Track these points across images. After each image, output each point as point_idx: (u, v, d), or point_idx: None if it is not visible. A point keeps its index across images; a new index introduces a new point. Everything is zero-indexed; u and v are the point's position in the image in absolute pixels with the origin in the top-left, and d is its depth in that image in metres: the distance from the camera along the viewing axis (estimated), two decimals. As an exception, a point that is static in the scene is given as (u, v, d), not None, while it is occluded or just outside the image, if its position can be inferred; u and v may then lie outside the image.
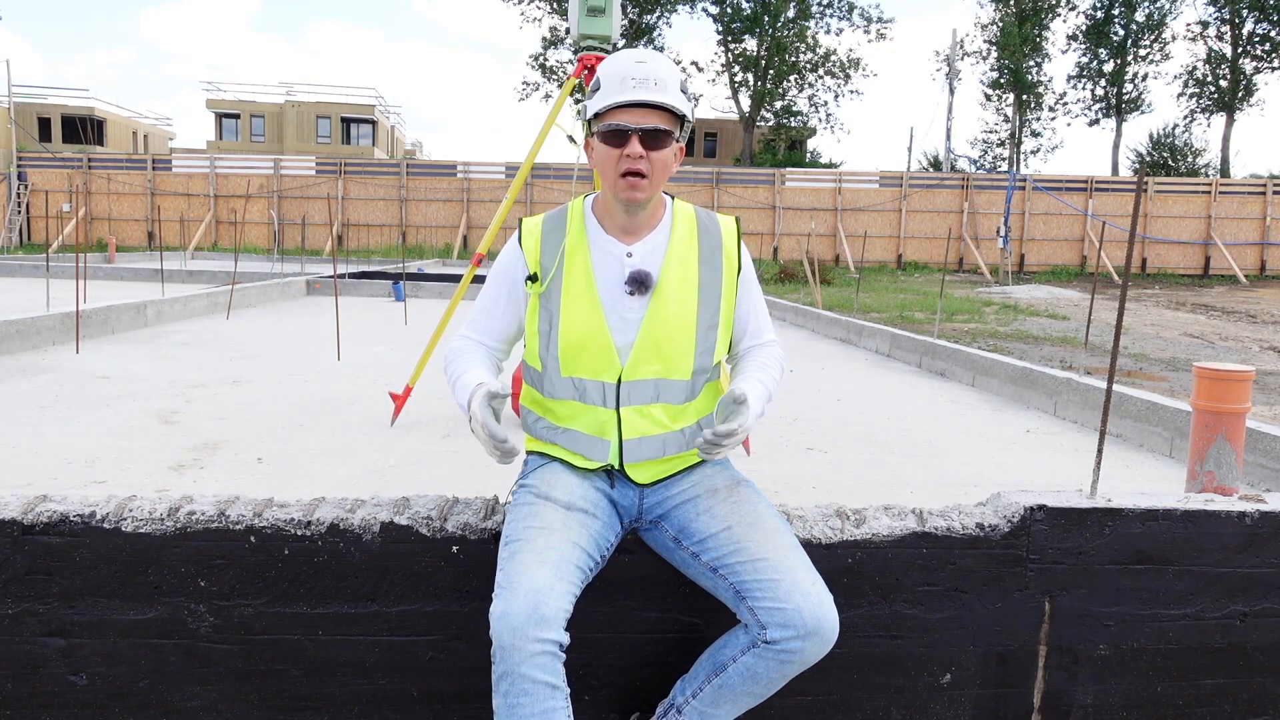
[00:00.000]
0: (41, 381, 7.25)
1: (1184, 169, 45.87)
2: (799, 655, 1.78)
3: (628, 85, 1.91)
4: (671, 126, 1.94)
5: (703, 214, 2.11)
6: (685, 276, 2.02)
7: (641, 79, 1.91)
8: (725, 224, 2.11)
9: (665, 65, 1.95)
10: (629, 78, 1.91)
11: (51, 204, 31.48)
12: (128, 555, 2.03)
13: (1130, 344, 11.49)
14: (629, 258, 2.01)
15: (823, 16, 41.38)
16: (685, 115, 1.96)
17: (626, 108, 1.91)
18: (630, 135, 1.91)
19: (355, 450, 5.36)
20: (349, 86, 48.18)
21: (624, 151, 1.91)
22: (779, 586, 1.79)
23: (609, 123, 1.92)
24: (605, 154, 1.95)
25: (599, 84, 1.97)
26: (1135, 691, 2.25)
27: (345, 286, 17.32)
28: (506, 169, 32.50)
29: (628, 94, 1.90)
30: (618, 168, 1.92)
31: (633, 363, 1.99)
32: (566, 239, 2.04)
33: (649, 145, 1.91)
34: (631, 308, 1.99)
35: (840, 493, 4.71)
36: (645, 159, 1.91)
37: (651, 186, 1.95)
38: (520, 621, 1.67)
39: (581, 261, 2.02)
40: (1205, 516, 2.20)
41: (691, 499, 2.00)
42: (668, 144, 1.94)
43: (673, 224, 2.06)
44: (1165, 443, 5.80)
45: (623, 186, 1.93)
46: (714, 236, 2.08)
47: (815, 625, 1.76)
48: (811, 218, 31.98)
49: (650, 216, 2.04)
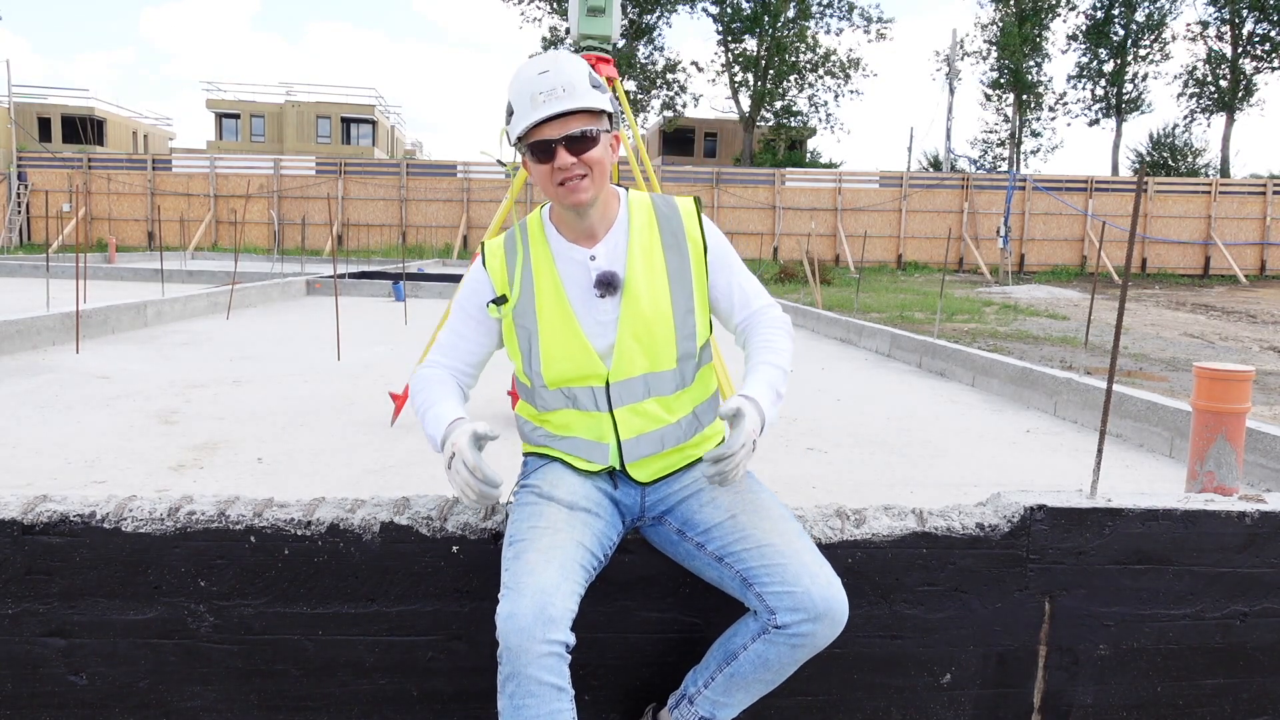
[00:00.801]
0: (41, 381, 7.25)
1: (1184, 169, 45.86)
2: (810, 638, 1.78)
3: (537, 102, 1.89)
4: (593, 124, 1.93)
5: (659, 200, 2.10)
6: (652, 267, 2.02)
7: (548, 90, 1.89)
8: (683, 205, 2.09)
9: (568, 66, 1.93)
10: (536, 93, 1.89)
11: (51, 204, 31.47)
12: (128, 555, 2.03)
13: (1130, 344, 11.49)
14: (593, 260, 2.01)
15: (823, 16, 41.36)
16: (602, 108, 1.94)
17: (542, 124, 1.90)
18: (555, 147, 1.90)
19: (355, 450, 5.36)
20: (349, 86, 48.22)
21: (554, 164, 1.91)
22: (786, 570, 1.79)
23: (531, 141, 1.92)
24: (539, 171, 1.95)
25: (510, 107, 1.96)
26: (1135, 691, 2.25)
27: (345, 286, 17.32)
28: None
29: (539, 110, 1.89)
30: (553, 180, 1.93)
31: (617, 364, 1.98)
32: (531, 254, 2.04)
33: (577, 150, 1.91)
34: (605, 310, 1.99)
35: (840, 493, 4.71)
36: (578, 163, 1.91)
37: (594, 184, 1.94)
38: (527, 622, 1.67)
39: (548, 274, 2.02)
40: (1205, 516, 2.20)
41: (694, 493, 2.01)
42: (596, 142, 1.93)
43: (630, 218, 2.05)
44: (1165, 443, 5.80)
45: (563, 194, 1.93)
46: (674, 221, 2.07)
47: (825, 607, 1.76)
48: (811, 218, 31.98)
49: (605, 215, 2.02)
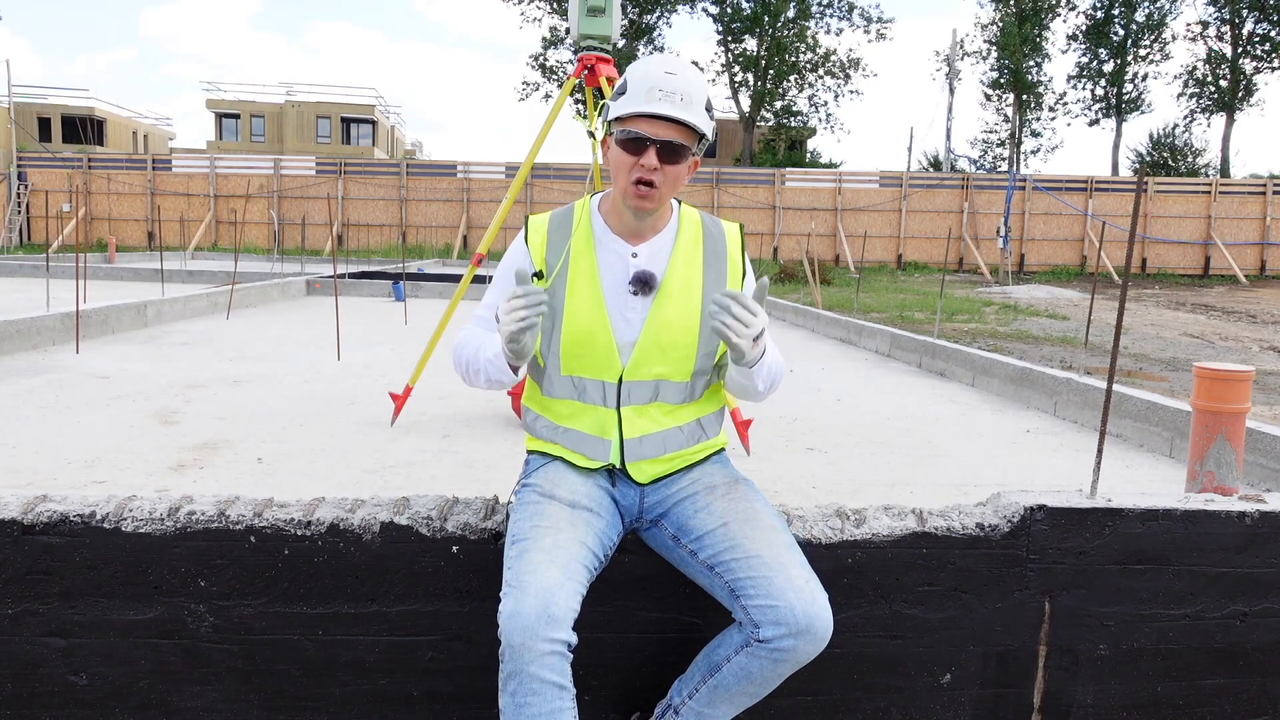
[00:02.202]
0: (41, 381, 7.25)
1: (1184, 169, 45.85)
2: (791, 654, 1.77)
3: (654, 96, 1.88)
4: (690, 142, 1.93)
5: (708, 220, 2.11)
6: (689, 280, 2.02)
7: (669, 92, 1.88)
8: (729, 229, 2.11)
9: (695, 80, 1.92)
10: (656, 88, 1.88)
11: (51, 204, 31.47)
12: (128, 555, 2.03)
13: (1130, 344, 11.49)
14: (634, 258, 2.01)
15: (823, 16, 41.39)
16: (705, 134, 1.94)
17: (648, 118, 1.89)
18: (648, 146, 1.89)
19: (355, 450, 5.36)
20: (349, 86, 48.26)
21: (639, 160, 1.90)
22: (771, 584, 1.78)
23: (629, 129, 1.91)
24: (620, 159, 1.94)
25: (625, 86, 1.94)
26: (1135, 691, 2.25)
27: (345, 286, 17.32)
28: (506, 169, 32.50)
29: (652, 104, 1.88)
30: (630, 175, 1.92)
31: (634, 363, 1.99)
32: (573, 237, 2.05)
33: (665, 159, 1.90)
34: (635, 307, 2.00)
35: (840, 493, 4.71)
36: (659, 171, 1.90)
37: (661, 198, 1.95)
38: (531, 621, 1.67)
39: (587, 260, 2.02)
40: (1205, 516, 2.20)
41: (690, 495, 2.01)
42: (684, 159, 1.93)
43: (679, 228, 2.06)
44: (1165, 443, 5.80)
45: (633, 194, 1.93)
46: (719, 241, 2.08)
47: (807, 623, 1.75)
48: (811, 218, 31.98)
49: (657, 219, 2.03)
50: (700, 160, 2.04)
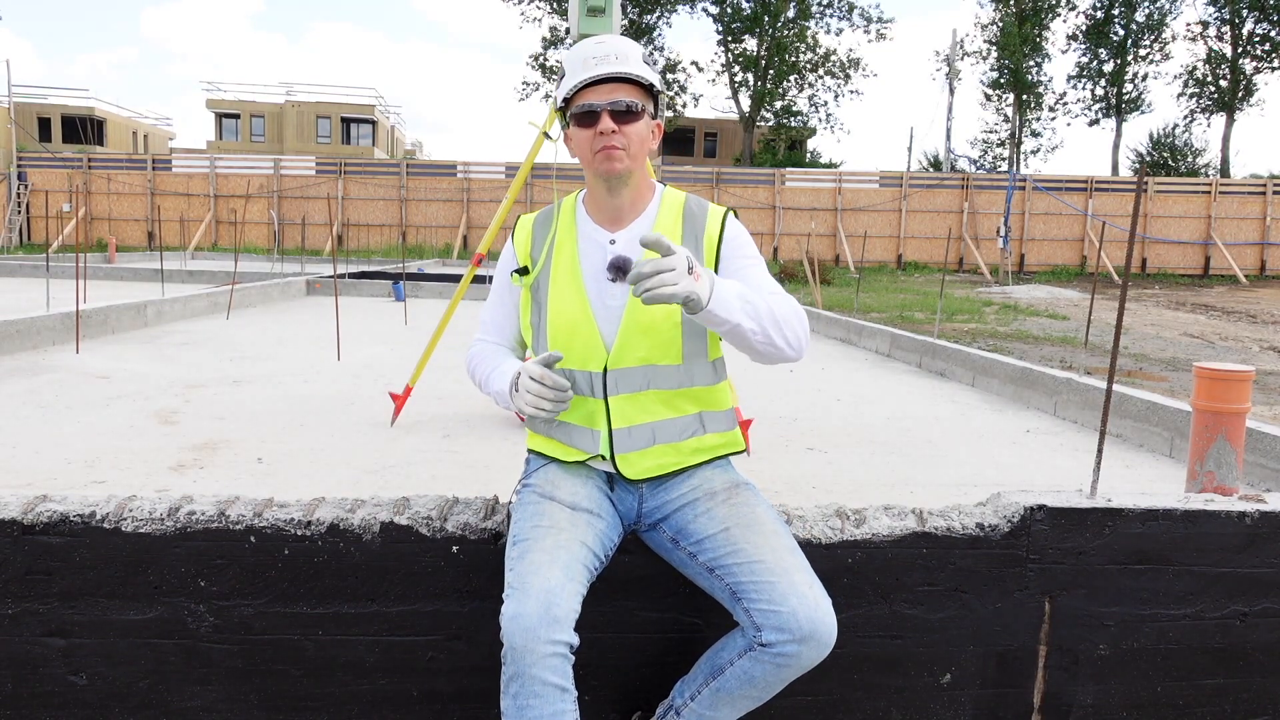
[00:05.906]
0: (41, 381, 7.25)
1: (1184, 169, 45.85)
2: (795, 659, 1.76)
3: (589, 64, 1.93)
4: (640, 99, 1.95)
5: (693, 200, 2.10)
6: None
7: (601, 56, 1.93)
8: (713, 208, 2.10)
9: (624, 41, 1.98)
10: (590, 57, 1.94)
11: (51, 204, 31.47)
12: (128, 555, 2.03)
13: (1130, 344, 11.49)
14: (611, 244, 2.01)
15: (823, 16, 41.36)
16: (653, 84, 1.96)
17: (592, 86, 1.93)
18: (600, 113, 1.92)
19: (355, 450, 5.36)
20: (349, 86, 48.14)
21: (596, 129, 1.93)
22: (774, 589, 1.77)
23: (578, 105, 1.95)
24: (580, 137, 1.97)
25: (563, 72, 2.01)
26: (1135, 691, 2.25)
27: (345, 286, 17.32)
28: (506, 169, 32.49)
29: (589, 71, 1.92)
30: (593, 146, 1.94)
31: (618, 350, 1.97)
32: (555, 231, 2.06)
33: (620, 120, 1.93)
34: (614, 295, 1.99)
35: (840, 493, 4.71)
36: (619, 133, 1.93)
37: (630, 158, 1.95)
38: (533, 623, 1.67)
39: (567, 251, 2.03)
40: (1205, 516, 2.20)
41: (690, 502, 1.99)
42: (639, 117, 1.95)
43: (659, 211, 2.06)
44: (1165, 443, 5.80)
45: (600, 159, 1.94)
46: (698, 221, 2.06)
47: (811, 629, 1.74)
48: (811, 218, 31.97)
49: (635, 202, 2.03)
50: (663, 125, 2.06)
